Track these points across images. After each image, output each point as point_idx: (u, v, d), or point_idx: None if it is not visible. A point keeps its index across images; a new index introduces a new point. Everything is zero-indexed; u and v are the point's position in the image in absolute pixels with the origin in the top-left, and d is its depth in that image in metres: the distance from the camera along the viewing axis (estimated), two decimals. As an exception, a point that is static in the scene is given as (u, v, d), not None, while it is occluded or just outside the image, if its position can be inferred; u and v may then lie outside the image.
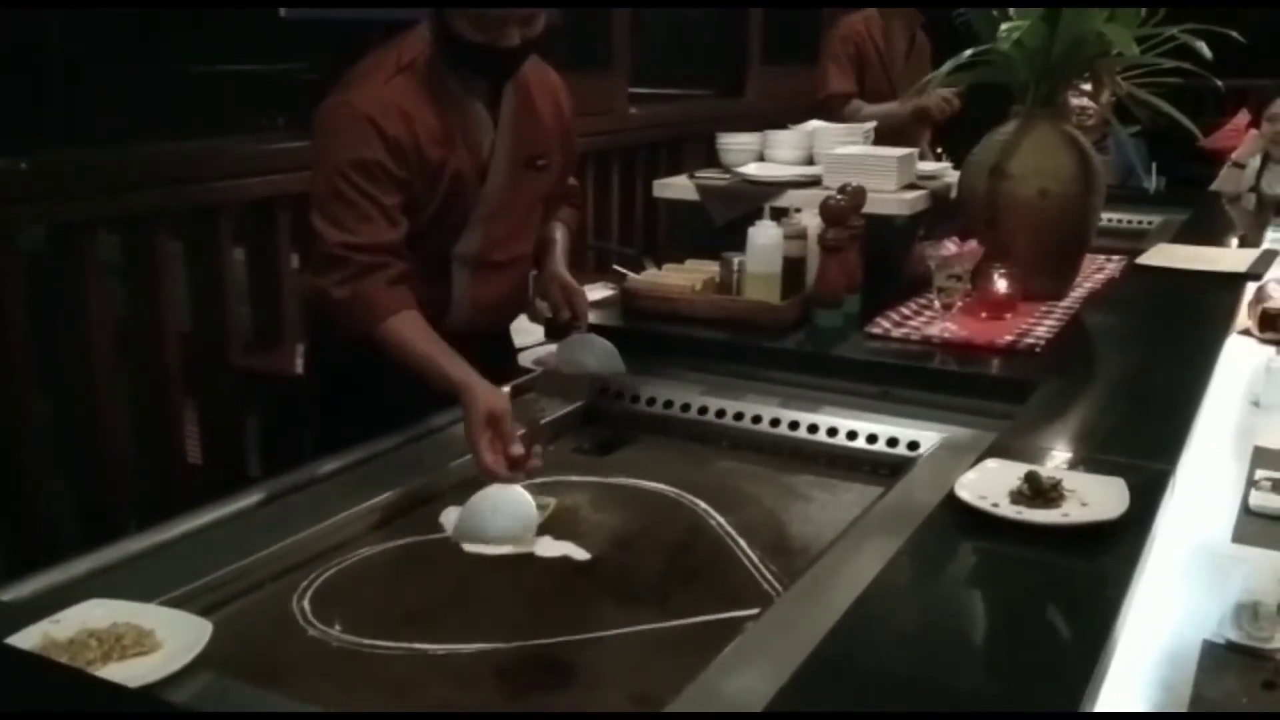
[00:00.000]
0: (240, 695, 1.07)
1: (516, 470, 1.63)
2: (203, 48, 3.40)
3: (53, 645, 1.10)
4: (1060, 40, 2.24)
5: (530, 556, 1.51)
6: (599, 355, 2.06)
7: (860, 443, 1.86)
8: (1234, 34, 2.37)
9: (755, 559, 1.50)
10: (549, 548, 1.53)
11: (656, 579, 1.49)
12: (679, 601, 1.42)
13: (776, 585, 1.43)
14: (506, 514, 1.55)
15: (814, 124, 2.82)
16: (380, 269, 1.78)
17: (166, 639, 1.12)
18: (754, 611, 1.33)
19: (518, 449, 1.64)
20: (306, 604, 1.36)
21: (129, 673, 1.06)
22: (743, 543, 1.56)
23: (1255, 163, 4.58)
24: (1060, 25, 2.22)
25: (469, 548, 1.54)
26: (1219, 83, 2.34)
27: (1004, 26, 2.20)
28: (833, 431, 1.88)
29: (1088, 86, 2.68)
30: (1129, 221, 3.87)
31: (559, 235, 2.18)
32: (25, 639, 1.10)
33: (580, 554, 1.52)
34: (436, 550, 1.54)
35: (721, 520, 1.63)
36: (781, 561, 1.49)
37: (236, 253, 2.97)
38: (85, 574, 1.31)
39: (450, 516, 1.60)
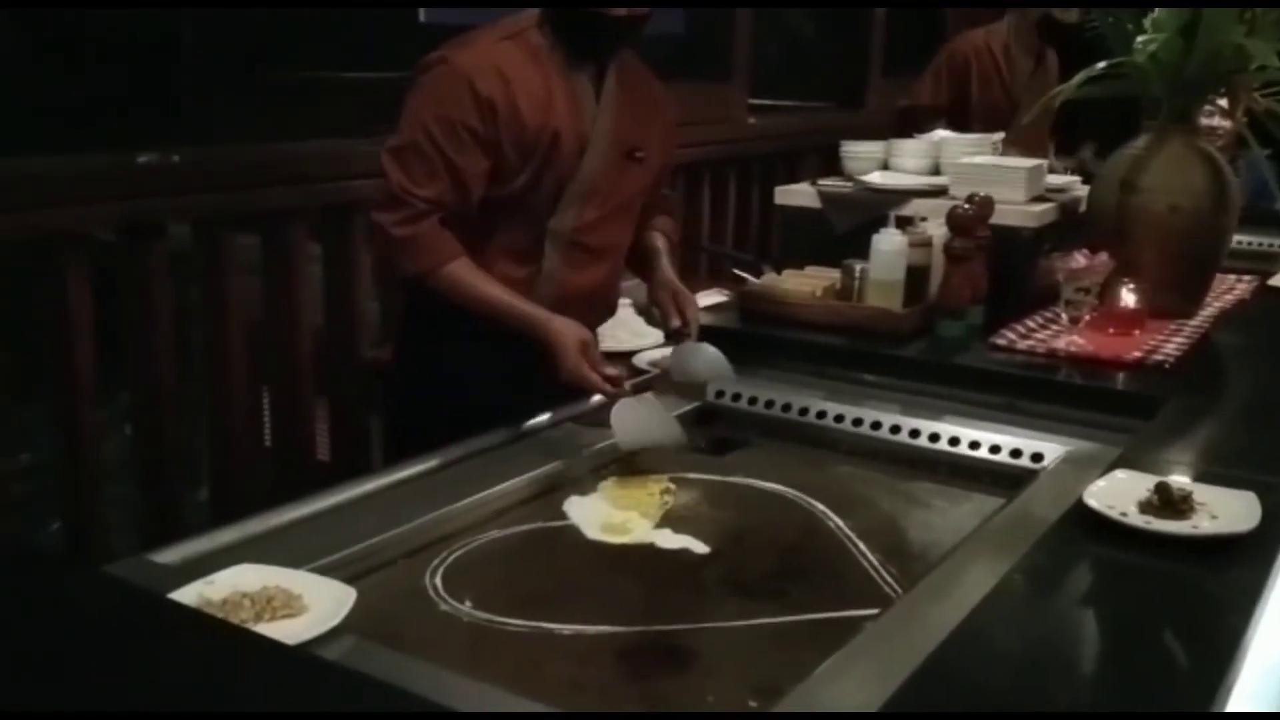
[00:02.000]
0: (383, 659, 1.12)
1: (618, 387, 1.82)
2: (342, 53, 3.52)
3: (207, 604, 1.17)
4: (1197, 54, 2.20)
5: (651, 547, 1.55)
6: (709, 364, 2.03)
7: (982, 453, 1.84)
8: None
9: (875, 561, 1.51)
10: (669, 539, 1.56)
11: (774, 575, 1.51)
12: (796, 597, 1.43)
13: (896, 587, 1.44)
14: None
15: (940, 133, 2.81)
16: (436, 214, 1.86)
17: (313, 603, 1.18)
18: (872, 611, 1.34)
19: (611, 369, 1.84)
20: (439, 580, 1.41)
21: (279, 632, 1.12)
22: (861, 545, 1.56)
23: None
24: (1197, 39, 2.18)
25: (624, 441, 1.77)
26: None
27: (1139, 40, 2.18)
28: (954, 441, 1.87)
29: (1223, 103, 2.62)
30: (1260, 244, 3.76)
31: (662, 244, 2.18)
32: (184, 596, 1.17)
33: (700, 547, 1.54)
34: (560, 537, 1.58)
35: (839, 522, 1.64)
36: (900, 565, 1.50)
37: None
38: (233, 542, 1.38)
39: (573, 506, 1.64)
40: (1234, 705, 1.19)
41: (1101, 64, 2.30)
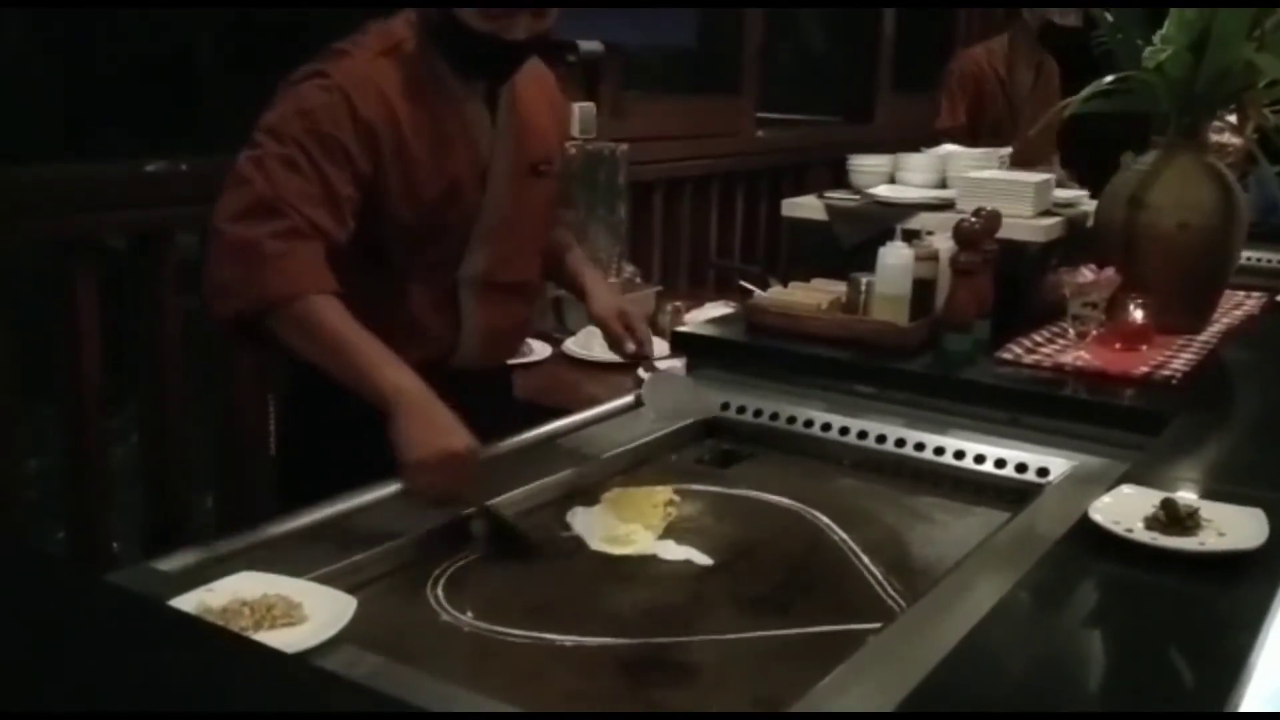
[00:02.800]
0: (383, 670, 1.11)
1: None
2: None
3: (207, 611, 1.17)
4: (1206, 69, 2.19)
5: (654, 558, 1.54)
6: (679, 396, 1.89)
7: (988, 467, 1.84)
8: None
9: (879, 575, 1.51)
10: (672, 551, 1.56)
11: (777, 588, 1.50)
12: (800, 610, 1.43)
13: (900, 601, 1.43)
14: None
15: (947, 147, 2.80)
16: (318, 240, 1.55)
17: (313, 612, 1.18)
18: (875, 625, 1.34)
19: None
20: (440, 590, 1.41)
21: (278, 640, 1.11)
22: (865, 559, 1.56)
23: None
24: (1207, 54, 2.18)
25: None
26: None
27: (1147, 53, 2.17)
28: (959, 454, 1.87)
29: (1233, 118, 2.62)
30: (1269, 260, 3.75)
31: (578, 252, 2.02)
32: (184, 604, 1.16)
33: (703, 559, 1.54)
34: (563, 548, 1.57)
35: (843, 536, 1.63)
36: (904, 579, 1.49)
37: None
38: (235, 550, 1.38)
39: (577, 517, 1.64)
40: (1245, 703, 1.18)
41: (1109, 78, 2.29)
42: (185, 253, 2.60)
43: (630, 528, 1.61)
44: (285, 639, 1.12)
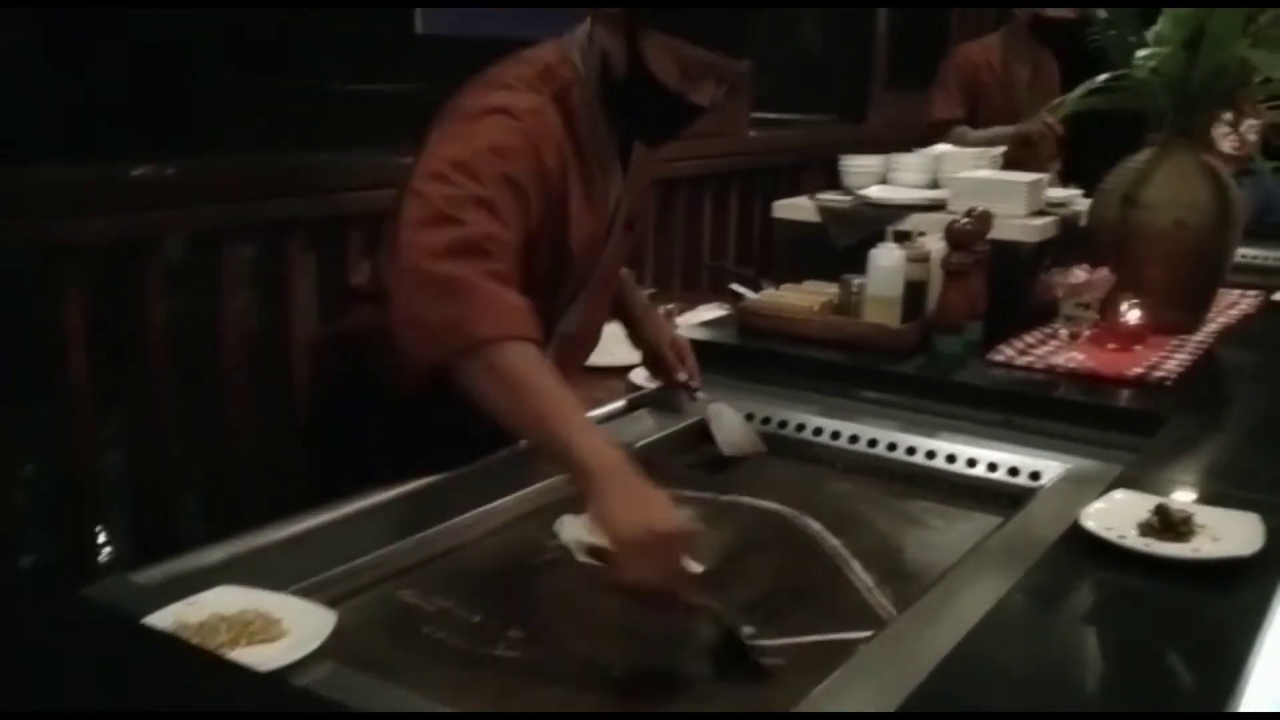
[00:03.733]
0: (362, 686, 1.09)
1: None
2: (338, 65, 3.51)
3: (184, 627, 1.14)
4: (1201, 67, 2.18)
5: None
6: (741, 430, 1.92)
7: (980, 470, 1.82)
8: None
9: (870, 582, 1.49)
10: (662, 560, 1.53)
11: (768, 596, 1.48)
12: (791, 619, 1.41)
13: (891, 609, 1.41)
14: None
15: (940, 147, 2.79)
16: (503, 258, 1.40)
17: (292, 627, 1.16)
18: (867, 634, 1.32)
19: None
20: (423, 603, 1.39)
21: (255, 657, 1.09)
22: (856, 565, 1.54)
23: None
24: (1202, 52, 2.16)
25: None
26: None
27: (1140, 53, 2.15)
28: (951, 458, 1.85)
29: (1229, 116, 2.60)
30: (1265, 258, 3.73)
31: (626, 277, 1.95)
32: (161, 619, 1.14)
33: (694, 567, 1.51)
34: (550, 559, 1.55)
35: (835, 542, 1.61)
36: (896, 586, 1.47)
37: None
38: (217, 562, 1.36)
39: (564, 527, 1.62)
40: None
41: (1103, 76, 2.27)
42: (171, 256, 2.59)
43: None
44: (262, 656, 1.10)
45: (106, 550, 2.51)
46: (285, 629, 1.15)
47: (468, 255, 1.36)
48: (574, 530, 1.61)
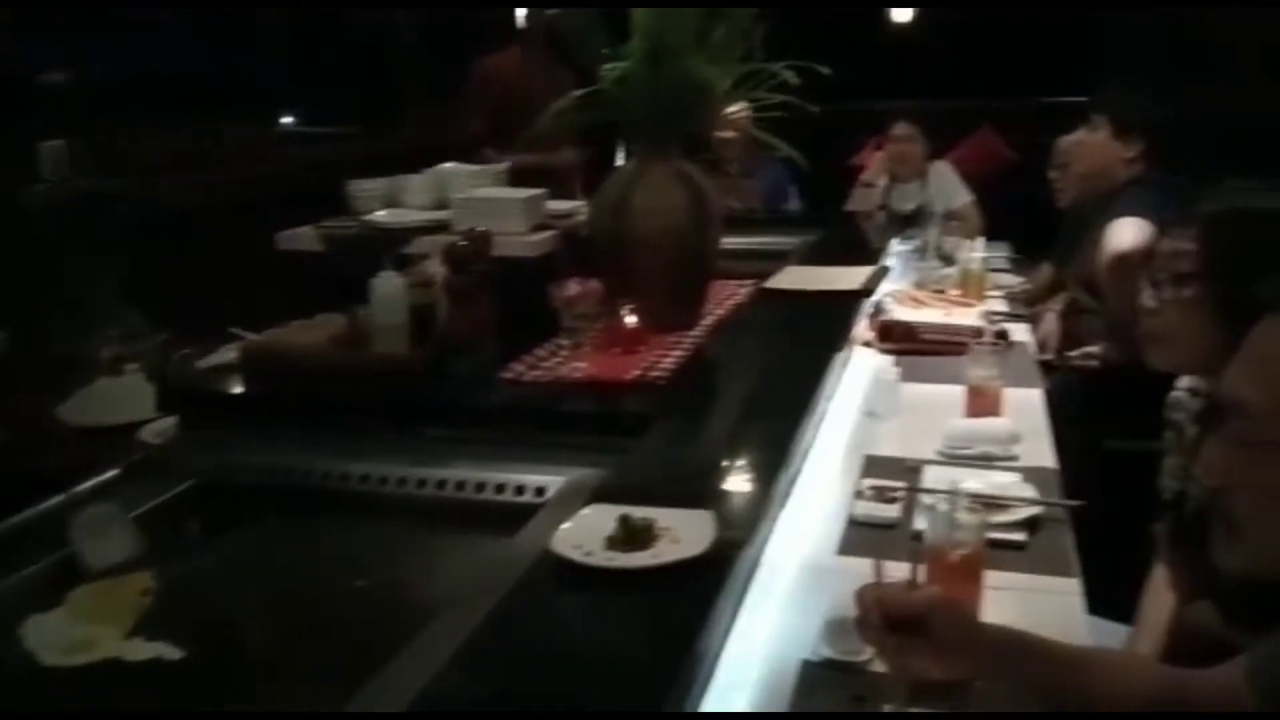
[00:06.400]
0: None
1: None
2: None
3: None
4: (663, 81, 2.30)
5: (118, 662, 1.39)
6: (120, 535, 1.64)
7: (488, 494, 1.83)
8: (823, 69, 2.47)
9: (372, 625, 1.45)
10: (139, 650, 1.40)
11: (269, 665, 1.41)
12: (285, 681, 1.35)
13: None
14: None
15: (447, 166, 2.80)
16: None
17: None
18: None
19: None
20: None
21: None
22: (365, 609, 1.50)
23: (883, 182, 4.95)
24: (662, 66, 2.29)
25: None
26: (815, 109, 2.41)
27: (605, 67, 2.25)
28: (460, 485, 1.84)
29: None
30: (771, 245, 4.05)
31: None
32: None
33: (175, 652, 1.41)
34: (5, 668, 1.39)
35: (350, 584, 1.57)
36: (400, 627, 1.44)
37: None
38: None
39: (30, 628, 1.45)
40: (713, 696, 1.24)
41: (578, 91, 2.36)
42: None
43: (94, 630, 1.45)
44: None
45: None
46: None
47: None
48: (41, 632, 1.45)
